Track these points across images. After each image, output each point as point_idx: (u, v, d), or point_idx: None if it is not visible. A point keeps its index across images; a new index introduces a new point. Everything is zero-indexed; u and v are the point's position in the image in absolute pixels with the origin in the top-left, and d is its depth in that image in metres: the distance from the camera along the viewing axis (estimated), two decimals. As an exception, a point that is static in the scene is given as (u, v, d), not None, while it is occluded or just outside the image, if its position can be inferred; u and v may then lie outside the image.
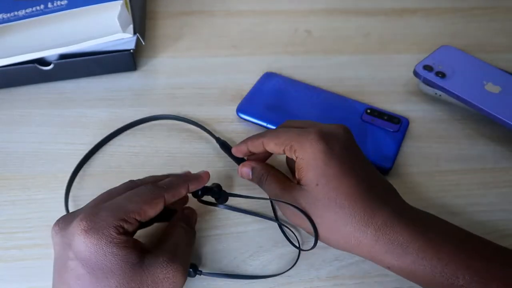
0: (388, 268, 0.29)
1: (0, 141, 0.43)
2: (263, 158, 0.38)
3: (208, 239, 0.36)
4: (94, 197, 0.38)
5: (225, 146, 0.40)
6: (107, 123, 0.44)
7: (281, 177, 0.34)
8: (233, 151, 0.37)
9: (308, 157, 0.31)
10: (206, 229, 0.36)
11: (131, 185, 0.32)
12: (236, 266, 0.35)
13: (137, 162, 0.41)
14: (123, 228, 0.28)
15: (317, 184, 0.30)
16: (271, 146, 0.34)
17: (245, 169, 0.36)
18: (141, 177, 0.40)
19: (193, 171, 0.40)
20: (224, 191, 0.35)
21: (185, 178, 0.33)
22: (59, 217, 0.30)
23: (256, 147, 0.35)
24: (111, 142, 0.43)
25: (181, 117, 0.44)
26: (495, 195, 0.39)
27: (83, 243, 0.27)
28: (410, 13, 0.59)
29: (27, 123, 0.45)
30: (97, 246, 0.26)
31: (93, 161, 0.41)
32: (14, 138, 0.43)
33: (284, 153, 0.33)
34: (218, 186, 0.35)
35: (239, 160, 0.38)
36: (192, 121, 0.44)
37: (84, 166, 0.41)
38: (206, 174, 0.35)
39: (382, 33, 0.56)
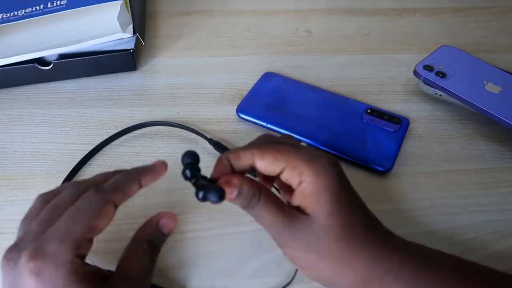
0: None
1: (0, 141, 0.43)
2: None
3: (207, 240, 0.36)
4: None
5: (219, 147, 0.40)
6: (107, 123, 0.44)
7: (278, 200, 0.28)
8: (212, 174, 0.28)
9: (321, 182, 0.27)
10: (205, 229, 0.36)
11: (71, 191, 0.28)
12: (236, 266, 0.35)
13: (137, 162, 0.41)
14: (79, 256, 0.25)
15: (331, 213, 0.27)
16: (266, 161, 0.27)
17: (230, 189, 0.27)
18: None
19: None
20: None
21: (135, 172, 0.28)
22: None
23: (242, 159, 0.28)
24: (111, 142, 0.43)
25: (164, 121, 0.43)
26: (495, 195, 0.39)
27: (35, 287, 0.23)
28: (410, 13, 0.59)
29: (26, 123, 0.45)
30: None
31: (93, 161, 0.41)
32: (14, 138, 0.43)
33: (280, 173, 0.28)
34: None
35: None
36: (177, 124, 0.43)
37: (84, 166, 0.41)
38: (162, 164, 0.29)
39: (382, 33, 0.56)
